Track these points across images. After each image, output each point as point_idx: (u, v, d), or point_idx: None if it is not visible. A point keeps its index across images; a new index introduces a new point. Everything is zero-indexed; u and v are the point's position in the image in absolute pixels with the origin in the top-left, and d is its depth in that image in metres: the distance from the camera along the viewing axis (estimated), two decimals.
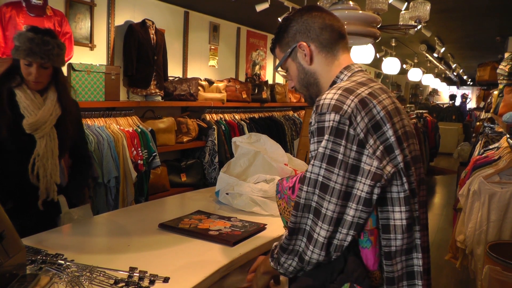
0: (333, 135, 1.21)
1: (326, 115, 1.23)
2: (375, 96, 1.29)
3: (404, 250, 1.28)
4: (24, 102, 2.20)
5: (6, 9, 3.51)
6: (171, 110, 5.18)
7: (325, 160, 1.22)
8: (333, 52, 1.45)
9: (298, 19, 1.47)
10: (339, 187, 1.20)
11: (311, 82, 1.48)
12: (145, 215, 2.38)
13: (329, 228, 1.21)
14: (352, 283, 1.25)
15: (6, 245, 1.20)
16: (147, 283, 1.51)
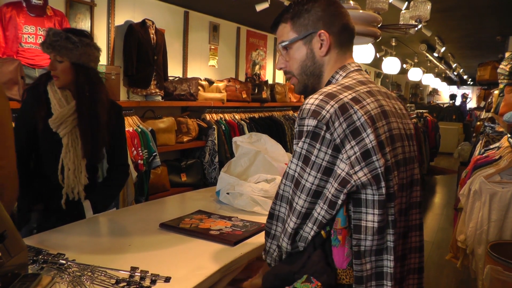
0: (309, 138, 1.27)
1: (305, 119, 1.28)
2: (358, 101, 1.29)
3: (374, 250, 1.29)
4: (52, 100, 2.27)
5: (7, 9, 3.50)
6: (171, 110, 5.18)
7: (301, 159, 1.29)
8: (344, 52, 1.46)
9: (326, 8, 1.44)
10: (309, 185, 1.27)
11: (315, 73, 1.48)
12: (146, 215, 2.38)
13: (296, 221, 1.29)
14: (309, 275, 1.29)
15: (8, 244, 1.20)
16: (148, 283, 1.51)
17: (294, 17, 1.48)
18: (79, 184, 2.29)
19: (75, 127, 2.27)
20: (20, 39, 3.55)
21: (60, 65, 2.23)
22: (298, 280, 1.31)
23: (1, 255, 1.15)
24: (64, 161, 2.25)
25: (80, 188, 2.30)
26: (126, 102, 4.40)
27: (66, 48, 2.20)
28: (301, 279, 1.31)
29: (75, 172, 2.27)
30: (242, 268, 1.86)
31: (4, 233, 1.21)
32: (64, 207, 2.28)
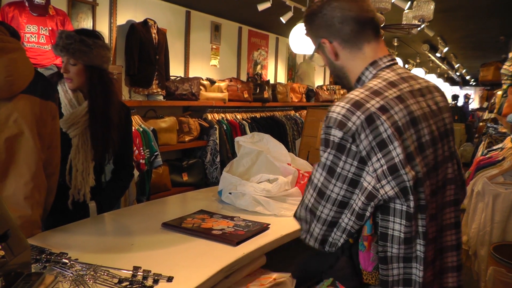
0: (334, 149, 1.27)
1: (331, 129, 1.27)
2: (385, 110, 1.27)
3: (401, 258, 1.30)
4: (63, 101, 2.26)
5: (9, 9, 3.51)
6: (173, 110, 5.18)
7: (325, 169, 1.29)
8: (358, 46, 1.41)
9: (319, 13, 1.43)
10: (335, 196, 1.28)
11: (340, 75, 1.50)
12: (148, 215, 2.37)
13: (322, 227, 1.32)
14: (335, 280, 1.34)
15: (11, 243, 1.20)
16: (151, 282, 1.50)
17: (308, 33, 1.52)
18: (86, 186, 2.28)
19: (86, 128, 2.26)
20: (22, 39, 3.54)
21: (74, 67, 2.21)
22: (323, 283, 1.37)
23: (4, 254, 1.15)
24: (73, 162, 2.24)
25: (86, 190, 2.29)
26: (128, 102, 4.39)
27: (80, 51, 2.18)
28: (327, 281, 1.36)
29: (83, 173, 2.26)
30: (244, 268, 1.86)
31: (7, 232, 1.20)
32: (71, 207, 2.27)
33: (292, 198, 2.39)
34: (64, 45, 2.17)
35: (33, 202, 1.83)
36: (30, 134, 1.77)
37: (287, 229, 2.12)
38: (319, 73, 9.30)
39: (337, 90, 8.72)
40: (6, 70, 1.67)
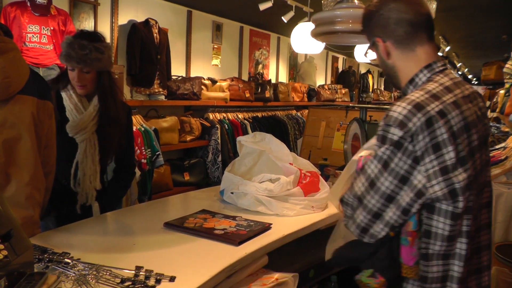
0: (392, 146, 1.33)
1: (391, 127, 1.34)
2: (444, 114, 1.34)
3: (441, 255, 1.37)
4: (68, 105, 2.24)
5: (11, 9, 3.51)
6: (174, 109, 5.18)
7: (381, 162, 1.36)
8: (410, 47, 1.48)
9: (376, 13, 1.50)
10: (384, 189, 1.34)
11: (390, 74, 1.56)
12: (150, 214, 2.37)
13: (366, 216, 1.38)
14: (375, 271, 1.41)
15: (14, 243, 1.20)
16: (153, 282, 1.50)
17: (364, 31, 1.60)
18: (93, 190, 2.28)
19: (93, 133, 2.25)
20: (24, 39, 3.55)
21: (88, 75, 2.20)
22: (363, 273, 1.44)
23: (7, 253, 1.15)
24: (80, 166, 2.23)
25: (94, 193, 2.29)
26: (129, 101, 4.38)
27: (96, 59, 2.16)
28: (366, 272, 1.43)
29: (91, 177, 2.26)
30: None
31: (10, 232, 1.20)
32: (79, 211, 2.26)
33: (294, 198, 2.39)
34: (80, 56, 2.13)
35: (34, 202, 1.83)
36: (28, 135, 1.76)
37: (289, 229, 2.12)
38: (321, 73, 9.30)
39: (339, 90, 8.72)
40: (3, 71, 1.65)
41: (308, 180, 2.50)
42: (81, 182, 2.25)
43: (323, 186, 2.52)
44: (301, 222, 2.24)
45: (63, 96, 2.26)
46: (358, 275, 1.47)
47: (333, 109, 4.35)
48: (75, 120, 2.22)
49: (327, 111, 4.29)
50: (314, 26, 3.00)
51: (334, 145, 4.01)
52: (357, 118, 3.02)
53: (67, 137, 2.22)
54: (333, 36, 3.05)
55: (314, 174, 2.56)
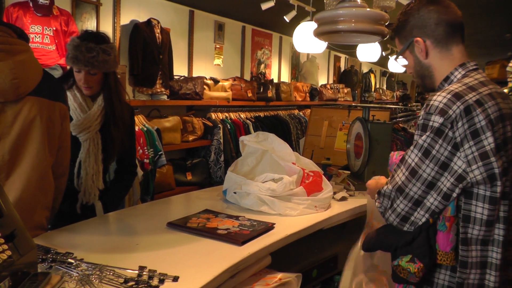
0: (433, 133, 1.41)
1: (432, 115, 1.42)
2: (481, 103, 1.42)
3: (480, 240, 1.44)
4: (73, 104, 2.24)
5: (14, 9, 3.52)
6: (177, 109, 5.18)
7: (421, 150, 1.44)
8: (447, 47, 1.58)
9: (415, 14, 1.59)
10: (426, 176, 1.42)
11: (425, 75, 1.65)
12: (153, 214, 2.37)
13: (408, 204, 1.46)
14: (414, 256, 1.47)
15: (18, 243, 1.20)
16: (156, 282, 1.50)
17: (397, 32, 1.69)
18: (95, 189, 2.28)
19: (97, 132, 2.25)
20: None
21: (94, 77, 2.20)
22: (402, 258, 1.50)
23: (11, 253, 1.15)
24: (83, 166, 2.24)
25: (96, 193, 2.29)
26: (131, 101, 4.38)
27: (103, 61, 2.17)
28: (405, 257, 1.49)
29: (93, 177, 2.26)
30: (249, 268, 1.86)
31: (14, 232, 1.21)
32: (79, 211, 2.26)
33: (297, 197, 2.38)
34: (87, 59, 2.13)
35: (37, 204, 1.83)
36: (37, 136, 1.76)
37: (292, 229, 2.12)
38: (323, 72, 9.30)
39: (341, 89, 8.72)
40: (12, 72, 1.66)
41: (311, 180, 2.49)
42: (83, 181, 2.25)
43: (326, 185, 2.52)
44: (304, 222, 2.24)
45: (68, 96, 2.25)
46: (395, 261, 1.53)
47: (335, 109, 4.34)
48: (79, 119, 2.22)
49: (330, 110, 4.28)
50: (317, 26, 3.00)
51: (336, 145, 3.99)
52: (360, 117, 3.01)
53: (71, 136, 2.22)
54: (336, 35, 3.04)
55: (317, 174, 2.56)
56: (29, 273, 1.22)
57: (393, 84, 14.17)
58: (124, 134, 2.35)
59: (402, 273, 1.52)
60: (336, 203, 2.59)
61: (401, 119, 5.37)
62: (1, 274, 1.10)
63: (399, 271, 1.53)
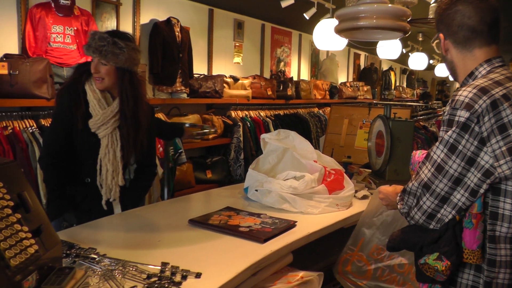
0: (459, 128, 1.39)
1: (458, 110, 1.40)
2: (508, 98, 1.40)
3: (509, 238, 1.40)
4: (92, 101, 2.26)
5: (36, 10, 3.57)
6: (197, 107, 5.20)
7: (447, 146, 1.41)
8: (468, 49, 1.56)
9: (445, 10, 1.58)
10: (452, 172, 1.40)
11: (449, 68, 1.65)
12: (174, 211, 2.38)
13: (434, 201, 1.44)
14: (440, 254, 1.45)
15: (44, 238, 1.21)
16: (179, 278, 1.50)
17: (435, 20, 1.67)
18: (116, 186, 2.29)
19: (115, 129, 2.27)
20: (48, 39, 3.60)
21: (105, 68, 2.21)
22: (429, 256, 1.48)
23: (38, 248, 1.16)
24: (102, 162, 2.25)
25: (117, 189, 2.30)
26: (151, 100, 4.42)
27: (112, 53, 2.17)
28: (432, 255, 1.47)
29: (113, 173, 2.27)
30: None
31: (40, 227, 1.22)
32: (105, 208, 2.28)
33: (318, 195, 2.37)
34: (97, 46, 2.16)
35: None
36: None
37: (314, 227, 2.11)
38: (343, 70, 9.25)
39: (361, 87, 8.66)
40: None
41: (332, 178, 2.48)
42: (104, 178, 2.27)
43: (348, 184, 2.50)
44: (326, 220, 2.23)
45: (87, 91, 2.27)
46: (422, 259, 1.51)
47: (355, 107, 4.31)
48: (97, 115, 2.24)
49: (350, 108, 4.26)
50: (338, 22, 2.97)
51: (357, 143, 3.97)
52: (381, 115, 2.98)
53: (90, 133, 2.24)
54: (357, 32, 3.01)
55: (339, 172, 2.54)
56: (54, 268, 1.23)
57: (413, 82, 14.03)
58: (141, 136, 2.34)
59: (428, 271, 1.50)
60: (357, 201, 2.58)
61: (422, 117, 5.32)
62: (29, 268, 1.11)
63: (425, 270, 1.51)
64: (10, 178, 1.23)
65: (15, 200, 1.20)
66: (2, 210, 1.13)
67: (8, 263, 1.06)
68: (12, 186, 1.22)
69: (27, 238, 1.15)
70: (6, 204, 1.15)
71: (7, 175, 1.23)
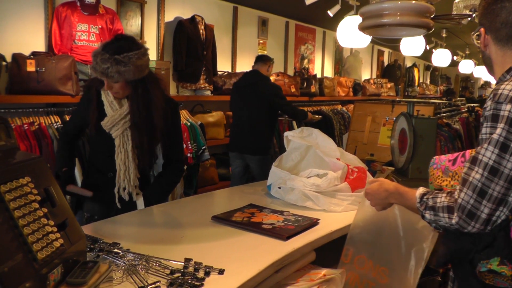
0: (508, 125, 1.31)
1: (503, 104, 1.33)
2: None
3: None
4: (105, 102, 2.29)
5: (62, 9, 3.62)
6: (220, 104, 5.21)
7: (498, 146, 1.32)
8: (509, 47, 1.49)
9: (488, 6, 1.52)
10: (508, 171, 1.31)
11: (487, 63, 1.59)
12: (197, 208, 2.39)
13: (492, 206, 1.33)
14: (503, 258, 1.37)
15: (69, 232, 1.23)
16: (202, 274, 1.51)
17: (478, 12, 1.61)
18: (129, 185, 2.30)
19: (126, 129, 2.28)
20: (74, 37, 3.65)
21: (116, 84, 2.21)
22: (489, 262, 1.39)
23: (63, 242, 1.18)
24: (116, 161, 2.28)
25: (130, 189, 2.31)
26: (175, 97, 4.45)
27: (118, 72, 2.15)
28: (493, 260, 1.39)
29: (126, 172, 2.29)
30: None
31: (65, 221, 1.24)
32: (119, 206, 2.30)
33: (341, 193, 2.36)
34: (102, 70, 2.15)
35: None
36: None
37: (336, 225, 2.09)
38: (366, 67, 9.17)
39: (384, 84, 8.57)
40: None
41: (355, 176, 2.46)
42: (116, 176, 2.29)
43: None
44: (349, 218, 2.20)
45: (101, 93, 2.31)
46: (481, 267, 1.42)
47: (379, 104, 4.28)
48: (108, 116, 2.26)
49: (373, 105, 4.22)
50: (362, 19, 2.95)
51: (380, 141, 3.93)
52: (405, 112, 2.95)
53: (107, 133, 2.27)
54: (381, 29, 2.99)
55: (362, 170, 2.52)
56: (79, 261, 1.25)
57: (436, 78, 13.84)
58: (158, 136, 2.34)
59: (487, 278, 1.40)
60: None
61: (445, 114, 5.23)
62: (54, 262, 1.13)
63: (484, 277, 1.41)
64: (37, 173, 1.25)
65: (42, 194, 1.22)
66: (30, 205, 1.15)
67: (36, 256, 1.08)
68: (39, 181, 1.24)
69: (53, 232, 1.17)
70: (33, 199, 1.18)
71: (34, 170, 1.25)
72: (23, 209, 1.12)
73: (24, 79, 3.24)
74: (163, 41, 4.61)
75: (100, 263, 1.28)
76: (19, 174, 1.19)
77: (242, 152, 4.51)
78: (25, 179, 1.19)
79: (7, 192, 1.11)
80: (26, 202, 1.15)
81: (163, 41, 4.61)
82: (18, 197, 1.13)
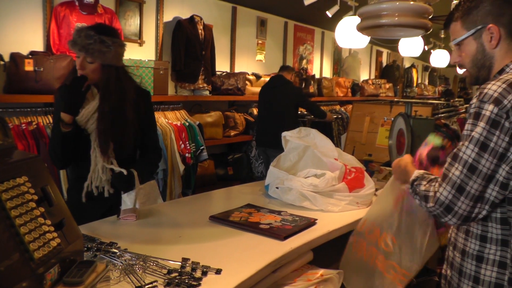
0: (489, 125, 1.36)
1: (486, 104, 1.36)
2: None
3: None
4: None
5: (61, 8, 3.62)
6: (219, 104, 5.21)
7: (478, 145, 1.37)
8: None
9: (494, 1, 1.50)
10: (486, 170, 1.36)
11: (485, 65, 1.56)
12: (195, 208, 2.40)
13: (469, 203, 1.38)
14: None
15: (66, 232, 1.23)
16: (199, 274, 1.51)
17: (463, 15, 1.56)
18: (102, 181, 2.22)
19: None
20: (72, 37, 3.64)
21: (90, 65, 2.17)
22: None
23: (60, 241, 1.18)
24: (91, 156, 2.22)
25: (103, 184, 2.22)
26: (174, 97, 4.46)
27: (99, 51, 2.13)
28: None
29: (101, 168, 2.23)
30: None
31: (62, 221, 1.24)
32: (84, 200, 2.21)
33: (339, 193, 2.36)
34: (83, 44, 2.11)
35: None
36: None
37: (334, 225, 2.10)
38: (365, 67, 9.18)
39: (383, 85, 8.58)
40: None
41: (353, 176, 2.47)
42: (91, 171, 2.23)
43: (368, 182, 2.49)
44: (346, 218, 2.22)
45: None
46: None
47: (377, 104, 4.28)
48: (82, 111, 2.20)
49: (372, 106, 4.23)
50: (360, 20, 2.96)
51: (378, 141, 3.94)
52: (403, 113, 2.95)
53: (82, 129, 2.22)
54: (379, 29, 3.00)
55: (359, 170, 2.53)
56: (76, 261, 1.25)
57: (435, 79, 13.84)
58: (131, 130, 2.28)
59: None
60: None
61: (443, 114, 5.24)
62: (51, 261, 1.13)
63: None
64: (35, 173, 1.25)
65: (39, 194, 1.22)
66: (27, 204, 1.15)
67: (32, 255, 1.08)
68: (36, 180, 1.24)
69: (50, 232, 1.17)
70: (30, 198, 1.17)
71: (31, 170, 1.25)
72: (20, 209, 1.12)
73: (22, 78, 3.24)
74: (161, 41, 4.61)
75: (97, 262, 1.28)
76: (16, 173, 1.19)
77: (266, 146, 4.77)
78: (22, 178, 1.19)
79: (4, 192, 1.11)
80: (23, 201, 1.15)
81: (162, 41, 4.61)
82: (15, 197, 1.13)
